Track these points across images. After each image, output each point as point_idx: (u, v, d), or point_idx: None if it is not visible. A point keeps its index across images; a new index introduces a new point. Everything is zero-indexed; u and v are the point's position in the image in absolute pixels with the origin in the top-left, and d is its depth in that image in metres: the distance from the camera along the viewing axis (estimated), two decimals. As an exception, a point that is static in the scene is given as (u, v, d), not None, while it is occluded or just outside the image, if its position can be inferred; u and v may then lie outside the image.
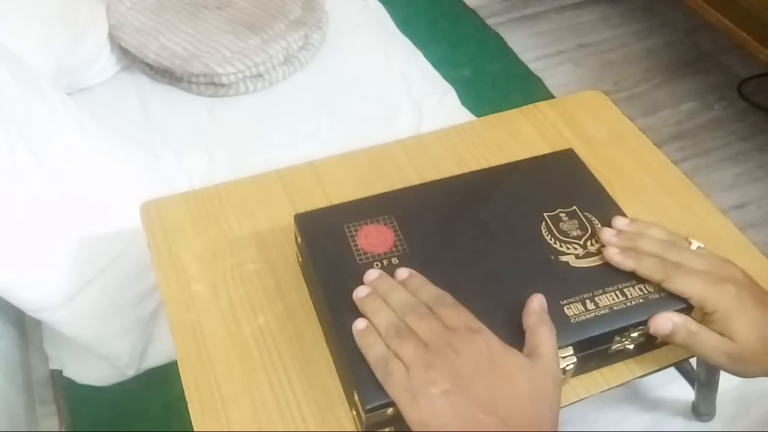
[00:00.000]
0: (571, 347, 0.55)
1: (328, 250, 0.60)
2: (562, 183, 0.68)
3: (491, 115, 0.86)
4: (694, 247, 0.58)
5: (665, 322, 0.55)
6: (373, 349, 0.50)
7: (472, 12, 1.84)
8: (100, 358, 0.96)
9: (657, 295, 0.57)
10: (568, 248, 0.61)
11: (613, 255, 0.58)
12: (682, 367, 1.07)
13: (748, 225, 1.44)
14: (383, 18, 1.48)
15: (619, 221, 0.62)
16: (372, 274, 0.56)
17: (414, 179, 0.74)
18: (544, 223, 0.63)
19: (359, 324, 0.53)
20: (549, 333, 0.51)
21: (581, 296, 0.57)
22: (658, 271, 0.56)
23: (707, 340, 0.54)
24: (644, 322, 0.57)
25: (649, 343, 0.60)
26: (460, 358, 0.47)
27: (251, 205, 0.73)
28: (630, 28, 1.92)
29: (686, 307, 0.58)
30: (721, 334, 0.54)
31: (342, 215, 0.63)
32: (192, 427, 0.56)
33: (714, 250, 0.59)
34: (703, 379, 1.04)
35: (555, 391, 0.48)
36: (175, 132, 1.16)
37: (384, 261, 0.59)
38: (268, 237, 0.69)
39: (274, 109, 1.20)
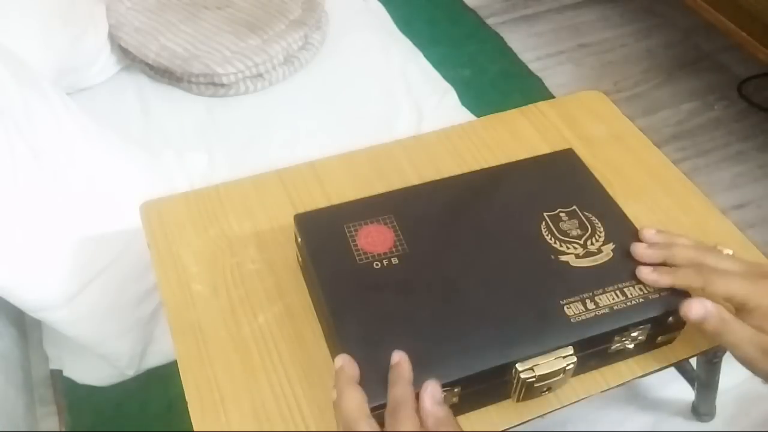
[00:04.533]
0: (571, 347, 0.55)
1: (328, 250, 0.60)
2: (562, 183, 0.68)
3: (491, 115, 0.86)
4: (726, 252, 0.58)
5: (698, 307, 0.54)
6: None
7: (472, 12, 1.84)
8: (100, 358, 0.96)
9: (657, 295, 0.57)
10: (568, 248, 0.61)
11: (647, 275, 0.58)
12: (682, 367, 1.07)
13: (748, 225, 1.43)
14: (383, 18, 1.48)
15: (647, 232, 0.61)
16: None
17: (414, 179, 0.74)
18: (544, 223, 0.63)
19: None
20: None
21: (581, 296, 0.57)
22: (698, 279, 0.55)
23: (740, 331, 0.53)
24: (644, 322, 0.57)
25: (649, 343, 0.60)
26: None
27: (251, 205, 0.73)
28: (630, 28, 1.92)
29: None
30: (757, 329, 0.52)
31: (342, 215, 0.63)
32: (192, 427, 0.56)
33: (714, 250, 0.59)
34: (703, 379, 1.04)
35: None
36: (175, 132, 1.16)
37: (384, 261, 0.59)
38: (268, 237, 0.69)
39: (274, 109, 1.20)
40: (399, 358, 0.51)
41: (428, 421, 0.48)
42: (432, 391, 0.49)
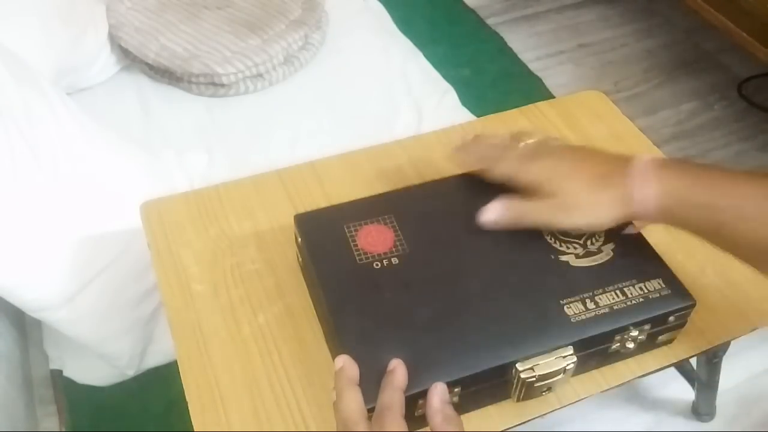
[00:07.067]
0: (571, 347, 0.55)
1: (328, 250, 0.60)
2: (562, 183, 0.68)
3: (491, 115, 0.86)
4: (527, 141, 0.62)
5: (490, 212, 0.60)
6: None
7: (472, 12, 1.84)
8: (100, 358, 0.96)
9: (657, 295, 0.57)
10: (569, 248, 0.61)
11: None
12: (682, 367, 1.07)
13: (748, 225, 1.43)
14: (383, 18, 1.48)
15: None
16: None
17: (414, 179, 0.74)
18: (544, 223, 0.63)
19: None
20: None
21: (581, 296, 0.57)
22: (481, 164, 0.62)
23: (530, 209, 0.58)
24: (644, 322, 0.57)
25: (649, 343, 0.60)
26: None
27: (251, 205, 0.73)
28: (630, 28, 1.92)
29: (690, 305, 0.58)
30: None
31: (342, 215, 0.63)
32: (192, 427, 0.56)
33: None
34: (703, 379, 1.04)
35: None
36: (175, 132, 1.16)
37: (384, 261, 0.59)
38: (268, 237, 0.69)
39: (274, 109, 1.20)
40: (395, 365, 0.51)
41: (436, 418, 0.49)
42: (441, 391, 0.50)
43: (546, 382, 0.55)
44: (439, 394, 0.50)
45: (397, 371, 0.51)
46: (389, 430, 0.46)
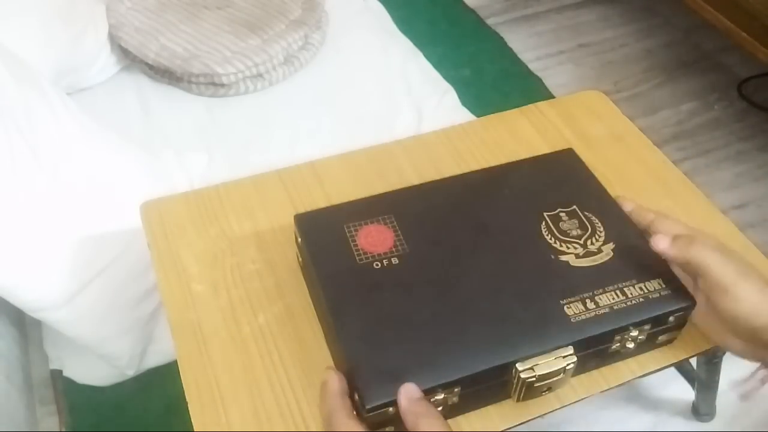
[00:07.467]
0: (571, 347, 0.55)
1: (328, 250, 0.60)
2: (562, 183, 0.68)
3: (491, 115, 0.86)
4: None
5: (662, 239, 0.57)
6: None
7: (472, 12, 1.84)
8: (100, 358, 0.96)
9: (657, 295, 0.57)
10: (568, 248, 0.61)
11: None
12: (682, 367, 1.07)
13: (748, 225, 1.43)
14: (383, 18, 1.48)
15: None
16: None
17: (414, 179, 0.74)
18: (544, 223, 0.63)
19: None
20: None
21: (581, 295, 0.57)
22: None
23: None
24: (644, 322, 0.57)
25: (649, 343, 0.60)
26: None
27: (251, 205, 0.73)
28: (630, 28, 1.92)
29: (690, 305, 0.58)
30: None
31: (342, 215, 0.63)
32: (192, 427, 0.56)
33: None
34: (703, 379, 1.04)
35: None
36: (175, 132, 1.16)
37: (384, 261, 0.59)
38: (268, 237, 0.70)
39: (274, 109, 1.20)
40: (326, 376, 0.53)
41: (408, 418, 0.49)
42: (407, 391, 0.50)
43: (546, 382, 0.55)
44: (406, 395, 0.50)
45: (329, 379, 0.53)
46: (340, 430, 0.49)
